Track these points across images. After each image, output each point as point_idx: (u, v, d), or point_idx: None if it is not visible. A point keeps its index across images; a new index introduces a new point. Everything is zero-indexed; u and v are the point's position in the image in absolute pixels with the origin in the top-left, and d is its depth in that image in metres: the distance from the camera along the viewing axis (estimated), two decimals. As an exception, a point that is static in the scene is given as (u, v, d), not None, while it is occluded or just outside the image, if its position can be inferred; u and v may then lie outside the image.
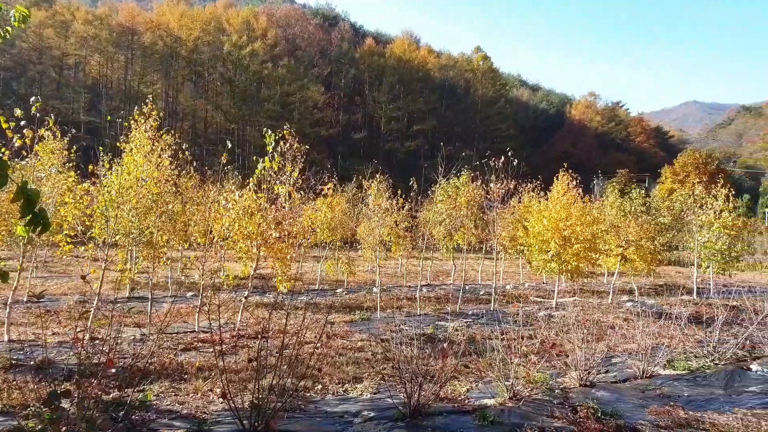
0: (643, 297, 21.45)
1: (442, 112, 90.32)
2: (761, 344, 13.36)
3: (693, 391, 10.19)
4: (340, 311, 16.08)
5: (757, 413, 9.17)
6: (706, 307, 17.14)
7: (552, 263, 17.99)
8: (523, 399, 8.75)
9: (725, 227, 22.27)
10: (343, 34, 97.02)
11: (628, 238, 20.37)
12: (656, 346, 11.81)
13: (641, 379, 10.70)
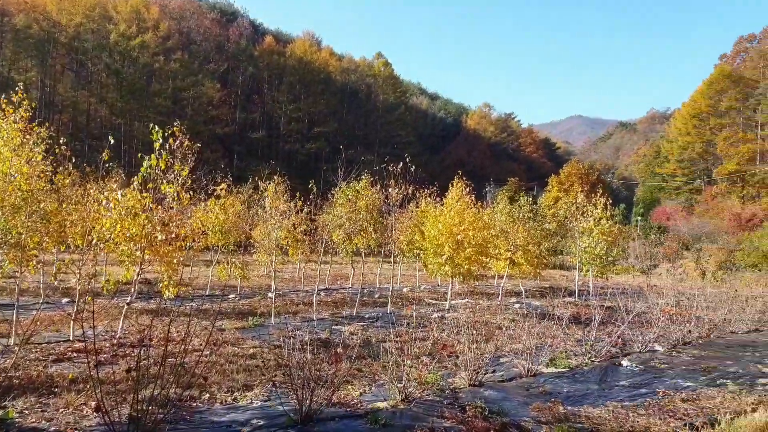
0: (529, 299, 22.63)
1: (343, 115, 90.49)
2: (631, 341, 14.51)
3: (572, 387, 10.82)
4: (232, 317, 15.52)
5: (626, 405, 9.89)
6: (585, 308, 18.39)
7: (446, 266, 18.47)
8: (415, 400, 8.84)
9: (603, 234, 24.04)
10: (242, 31, 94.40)
11: (516, 242, 21.43)
12: (540, 345, 12.44)
13: (526, 377, 11.21)
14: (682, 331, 15.27)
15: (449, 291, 20.08)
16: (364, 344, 12.49)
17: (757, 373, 12.51)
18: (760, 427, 9.01)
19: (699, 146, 69.34)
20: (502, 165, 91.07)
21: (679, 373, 12.27)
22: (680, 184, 72.00)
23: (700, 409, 9.87)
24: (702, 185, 69.17)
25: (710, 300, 20.28)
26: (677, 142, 73.01)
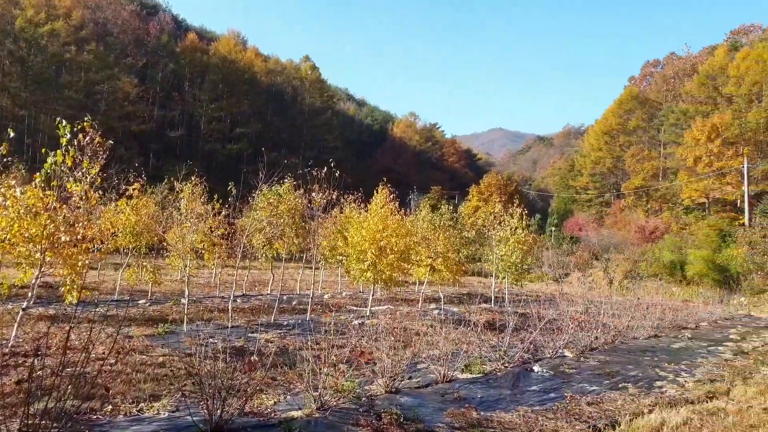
0: (448, 305, 23.06)
1: (268, 117, 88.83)
2: (543, 347, 15.07)
3: (486, 392, 11.06)
4: (141, 324, 14.76)
5: (536, 410, 10.23)
6: (500, 314, 18.93)
7: (368, 272, 18.48)
8: (330, 409, 8.72)
9: (519, 243, 24.91)
10: (163, 26, 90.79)
11: (437, 249, 21.79)
12: (457, 351, 12.66)
13: (442, 383, 11.35)
14: (590, 337, 16.02)
15: (370, 297, 20.09)
16: (281, 352, 12.24)
17: (654, 377, 13.32)
18: (655, 426, 9.58)
19: (609, 161, 73.67)
20: (427, 173, 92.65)
21: (586, 377, 12.85)
22: (592, 196, 76.12)
23: (603, 412, 10.37)
24: (611, 198, 73.39)
25: (616, 308, 21.44)
26: (590, 157, 77.24)
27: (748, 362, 15.46)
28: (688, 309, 25.87)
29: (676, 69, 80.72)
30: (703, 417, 10.31)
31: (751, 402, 11.50)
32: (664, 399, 11.43)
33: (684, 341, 18.51)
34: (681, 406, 10.85)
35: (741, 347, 17.68)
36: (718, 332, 20.94)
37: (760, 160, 53.89)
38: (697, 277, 36.26)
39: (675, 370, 14.07)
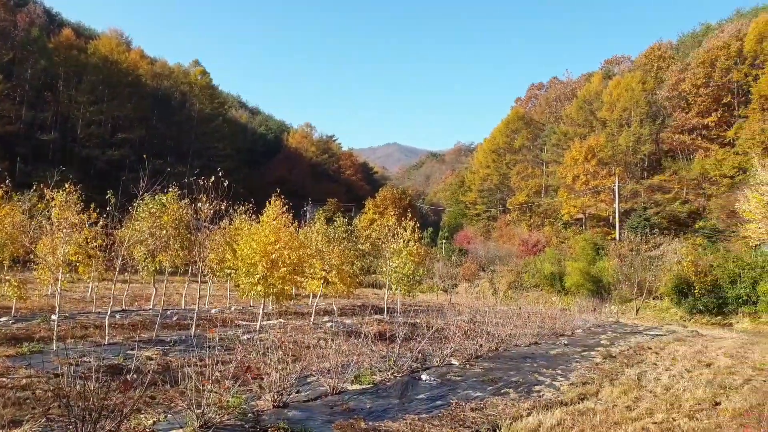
0: (342, 317, 23.05)
1: (153, 122, 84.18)
2: (431, 356, 15.46)
3: (375, 402, 11.13)
4: (3, 343, 13.39)
5: (423, 417, 10.43)
6: (392, 325, 19.18)
7: (258, 286, 18.03)
8: (214, 426, 8.40)
9: (411, 255, 25.49)
10: (34, 18, 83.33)
11: (331, 262, 21.75)
12: (347, 363, 12.65)
13: (332, 395, 11.28)
14: (475, 345, 16.65)
15: (261, 311, 19.60)
16: (163, 370, 11.61)
17: (533, 381, 14.09)
18: (532, 428, 10.10)
19: (496, 178, 77.61)
20: (323, 185, 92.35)
21: (471, 384, 13.32)
22: (480, 211, 79.77)
23: (486, 417, 10.78)
24: (498, 213, 77.29)
25: (500, 317, 22.50)
26: (478, 174, 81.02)
27: (615, 365, 16.77)
28: (566, 317, 27.68)
29: (558, 92, 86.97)
30: (575, 417, 11.03)
31: (616, 401, 12.48)
32: (542, 402, 12.10)
33: (561, 347, 19.74)
34: (556, 408, 11.54)
35: (610, 351, 19.14)
36: (591, 338, 22.55)
37: (629, 180, 59.22)
38: (574, 287, 38.96)
39: (552, 375, 14.96)
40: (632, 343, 21.52)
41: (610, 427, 10.43)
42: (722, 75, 57.25)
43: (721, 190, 52.11)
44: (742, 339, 24.33)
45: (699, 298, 31.38)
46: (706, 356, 18.81)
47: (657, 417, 11.30)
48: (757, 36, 55.85)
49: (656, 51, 71.82)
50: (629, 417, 11.25)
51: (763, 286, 29.47)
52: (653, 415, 11.48)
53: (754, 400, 12.27)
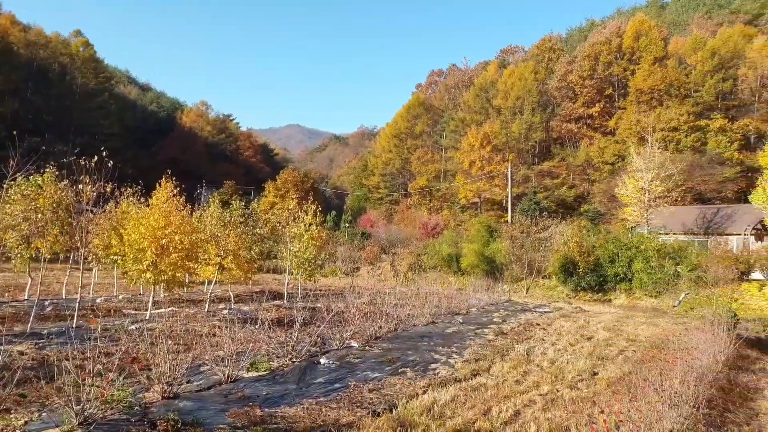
0: (239, 304, 22.41)
1: (28, 95, 76.67)
2: (331, 339, 15.42)
3: (272, 389, 10.92)
4: None
5: (321, 401, 10.38)
6: (291, 310, 18.92)
7: (148, 273, 17.09)
8: (96, 422, 7.89)
9: (313, 239, 25.22)
10: None
11: (227, 247, 21.00)
12: (243, 350, 12.31)
13: (226, 384, 10.93)
14: (375, 327, 16.82)
15: (151, 300, 18.59)
16: (39, 365, 10.72)
17: (430, 360, 14.46)
18: (427, 406, 10.36)
19: (398, 163, 78.69)
20: (220, 167, 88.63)
21: (370, 365, 13.44)
22: (383, 195, 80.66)
23: (383, 397, 10.93)
24: (400, 197, 78.55)
25: (400, 298, 22.90)
26: (381, 158, 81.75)
27: (506, 341, 17.61)
28: (461, 297, 28.69)
29: (457, 80, 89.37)
30: (468, 393, 11.46)
31: (506, 376, 13.11)
32: (437, 380, 12.45)
33: (457, 326, 20.43)
34: (450, 385, 11.93)
35: (501, 328, 20.08)
36: (485, 316, 23.54)
37: (522, 166, 62.26)
38: (470, 268, 40.47)
39: (448, 353, 15.44)
40: (522, 320, 22.68)
41: (500, 401, 10.92)
42: (604, 68, 61.44)
43: (603, 175, 56.20)
44: (619, 313, 26.43)
45: (583, 277, 33.70)
46: (587, 330, 20.23)
47: (543, 389, 12.00)
48: (634, 34, 60.39)
49: (547, 43, 75.66)
50: (518, 390, 11.86)
51: (637, 265, 32.15)
52: (539, 387, 12.18)
53: (626, 368, 13.37)
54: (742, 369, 14.03)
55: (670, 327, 20.67)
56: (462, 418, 9.71)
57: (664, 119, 52.74)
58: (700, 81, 55.52)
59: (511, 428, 9.38)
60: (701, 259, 30.84)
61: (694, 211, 41.10)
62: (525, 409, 10.43)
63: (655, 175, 36.65)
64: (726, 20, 71.55)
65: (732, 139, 51.84)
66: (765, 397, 12.02)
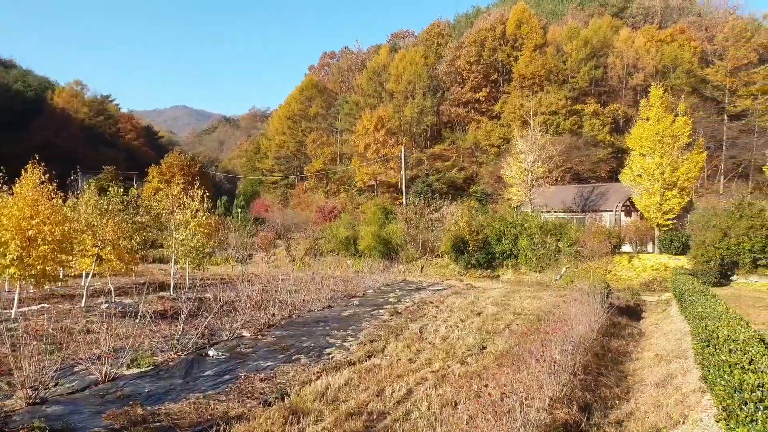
0: (120, 297, 20.97)
1: None
2: (220, 330, 14.83)
3: (155, 385, 10.29)
4: None
5: (209, 394, 9.93)
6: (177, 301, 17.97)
7: (12, 268, 15.50)
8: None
9: (200, 226, 24.08)
10: None
11: (105, 237, 19.49)
12: (123, 347, 11.51)
13: (104, 383, 10.18)
14: (267, 315, 16.42)
15: (16, 297, 16.90)
16: None
17: (325, 345, 14.35)
18: (320, 391, 10.25)
19: (293, 145, 77.17)
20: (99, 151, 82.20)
21: (262, 354, 13.09)
22: (277, 178, 78.85)
23: (276, 386, 10.67)
24: (295, 181, 77.22)
25: (295, 284, 22.54)
26: (274, 141, 79.71)
27: (400, 321, 17.89)
28: (358, 279, 28.86)
29: (350, 62, 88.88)
30: (362, 375, 11.48)
31: (400, 355, 13.29)
32: (331, 364, 12.37)
33: (353, 308, 20.48)
34: (344, 369, 11.89)
35: (396, 308, 20.39)
36: (381, 297, 23.80)
37: (415, 149, 63.35)
38: (367, 250, 40.70)
39: (343, 336, 15.41)
40: (417, 298, 23.18)
41: (393, 381, 11.04)
42: (490, 54, 63.81)
43: (490, 158, 58.61)
44: (506, 288, 27.78)
45: (473, 255, 35.04)
46: (477, 306, 21.06)
47: (435, 366, 12.29)
48: (517, 21, 63.21)
49: (436, 28, 77.27)
50: (411, 369, 12.06)
51: (522, 242, 33.93)
52: (431, 364, 12.47)
53: (512, 341, 14.03)
54: (614, 335, 15.21)
55: (553, 300, 22.02)
56: (355, 401, 9.70)
57: (545, 103, 55.80)
58: (575, 68, 59.22)
59: (403, 407, 9.50)
60: (579, 235, 33.09)
61: (572, 190, 43.95)
62: (417, 387, 10.62)
63: (537, 156, 38.70)
64: (596, 12, 76.85)
65: (604, 122, 55.97)
66: (632, 359, 13.11)
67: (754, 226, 27.27)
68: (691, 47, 59.32)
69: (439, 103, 65.49)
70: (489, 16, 70.44)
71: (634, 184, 32.46)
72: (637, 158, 32.31)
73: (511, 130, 49.77)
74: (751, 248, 27.11)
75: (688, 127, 31.68)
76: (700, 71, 57.43)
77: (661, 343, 14.09)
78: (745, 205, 29.04)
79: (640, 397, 10.05)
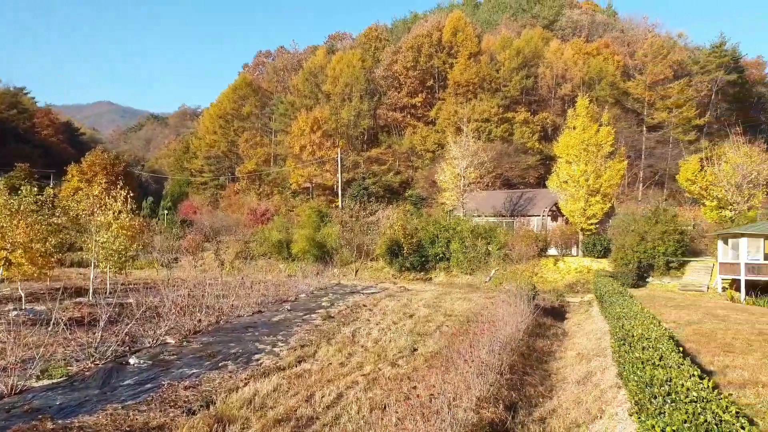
0: (32, 304, 19.61)
1: None
2: (143, 337, 14.15)
3: (68, 397, 9.66)
4: None
5: (128, 405, 9.41)
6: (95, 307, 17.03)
7: None
8: None
9: (123, 228, 22.96)
10: None
11: (15, 239, 18.21)
12: (33, 357, 10.75)
13: (10, 396, 9.47)
14: (194, 321, 15.84)
15: None
16: None
17: (254, 350, 13.97)
18: (248, 398, 9.94)
19: (224, 145, 75.20)
20: (11, 148, 76.90)
21: (187, 362, 12.58)
22: (207, 179, 76.58)
23: (201, 394, 10.26)
24: (226, 182, 75.33)
25: (224, 288, 21.89)
26: (205, 140, 77.41)
27: (333, 325, 17.70)
28: (291, 283, 28.41)
29: (286, 62, 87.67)
30: (291, 380, 11.23)
31: (331, 360, 13.12)
32: (260, 370, 12.05)
33: (284, 313, 20.10)
34: (273, 375, 11.60)
35: (329, 312, 20.18)
36: (314, 301, 23.51)
37: (351, 152, 63.18)
38: (300, 253, 40.20)
39: (273, 341, 15.07)
40: (350, 302, 23.06)
41: (323, 385, 10.86)
42: (426, 60, 64.68)
43: (425, 162, 59.38)
44: (438, 291, 28.12)
45: (407, 257, 35.31)
46: (410, 308, 21.17)
47: (366, 369, 12.20)
48: (452, 29, 64.42)
49: (374, 32, 77.60)
50: (342, 373, 11.92)
51: (454, 245, 34.50)
52: (363, 367, 12.37)
53: (443, 342, 14.15)
54: (540, 335, 15.65)
55: (482, 301, 22.45)
56: (284, 407, 9.47)
57: (478, 111, 57.12)
58: (508, 77, 61.00)
59: (333, 411, 9.35)
60: (508, 239, 34.00)
61: (502, 195, 45.16)
62: (348, 390, 10.49)
63: (469, 162, 39.53)
64: (529, 23, 79.53)
65: (533, 130, 57.94)
66: (556, 359, 13.51)
67: (668, 231, 28.94)
68: (614, 61, 62.47)
69: (376, 107, 65.74)
70: (426, 22, 71.38)
71: (561, 190, 33.69)
72: (563, 165, 33.57)
73: (445, 135, 50.57)
74: (665, 251, 28.75)
75: (611, 137, 33.25)
76: (622, 84, 60.58)
77: (583, 343, 14.61)
78: (660, 211, 30.78)
79: (562, 395, 10.35)
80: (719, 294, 25.68)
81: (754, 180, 33.52)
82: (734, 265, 25.34)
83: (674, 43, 66.96)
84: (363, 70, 65.48)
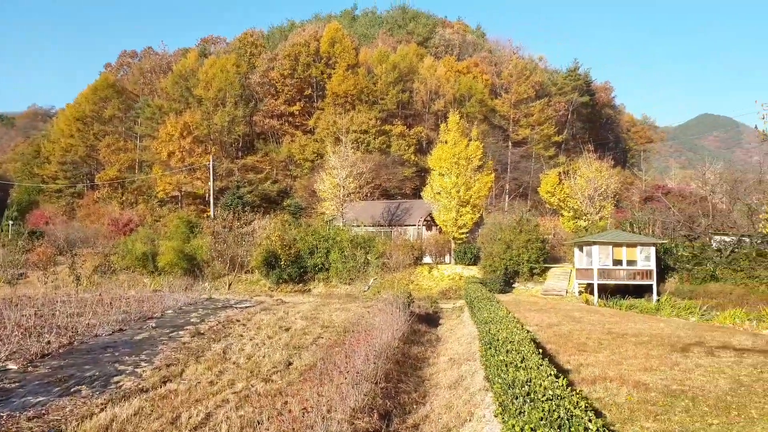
0: None
1: None
2: (-23, 363, 12.42)
3: None
4: None
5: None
6: None
7: None
8: None
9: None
10: None
11: None
12: None
13: None
14: (41, 343, 14.21)
15: None
16: None
17: (113, 372, 12.79)
18: (104, 425, 9.02)
19: (82, 150, 69.11)
20: None
21: (32, 389, 11.22)
22: (62, 186, 69.81)
23: (48, 424, 9.17)
24: (85, 189, 69.30)
25: (79, 306, 19.96)
26: (60, 144, 70.63)
27: (203, 342, 16.77)
28: (157, 298, 26.62)
29: (153, 64, 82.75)
30: (155, 402, 10.38)
31: (200, 378, 12.35)
32: (119, 393, 11.03)
33: (149, 331, 18.73)
34: (135, 397, 10.66)
35: (199, 329, 19.12)
36: (182, 318, 22.17)
37: (225, 159, 60.92)
38: (168, 266, 37.82)
39: (135, 362, 13.92)
40: (222, 317, 22.05)
41: (191, 406, 10.16)
42: (304, 69, 64.37)
43: (304, 171, 58.80)
44: (317, 302, 27.81)
45: (285, 269, 34.57)
46: (286, 321, 20.66)
47: (237, 386, 11.61)
48: (330, 39, 64.75)
49: (249, 37, 75.80)
50: (211, 391, 11.24)
51: (333, 255, 34.39)
52: (234, 385, 11.77)
53: (320, 354, 13.91)
54: (414, 342, 15.92)
55: (360, 311, 22.50)
56: None
57: (357, 122, 57.73)
58: (385, 90, 62.37)
59: (201, 434, 8.75)
60: (386, 248, 34.56)
61: (380, 205, 45.90)
62: (217, 409, 9.91)
63: (348, 172, 39.74)
64: (404, 39, 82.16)
65: (409, 143, 59.68)
66: (430, 364, 13.79)
67: (531, 240, 31.05)
68: (483, 80, 66.31)
69: (252, 113, 64.14)
70: (303, 31, 71.11)
71: (434, 200, 34.94)
72: (436, 177, 34.88)
73: (325, 145, 50.51)
74: (528, 258, 30.79)
75: (480, 151, 35.12)
76: (490, 102, 64.47)
77: (455, 348, 15.07)
78: (524, 222, 32.95)
79: (435, 400, 10.53)
80: (576, 297, 27.94)
81: (603, 193, 37.15)
82: (588, 271, 27.75)
83: (535, 65, 72.60)
84: (238, 75, 63.73)
